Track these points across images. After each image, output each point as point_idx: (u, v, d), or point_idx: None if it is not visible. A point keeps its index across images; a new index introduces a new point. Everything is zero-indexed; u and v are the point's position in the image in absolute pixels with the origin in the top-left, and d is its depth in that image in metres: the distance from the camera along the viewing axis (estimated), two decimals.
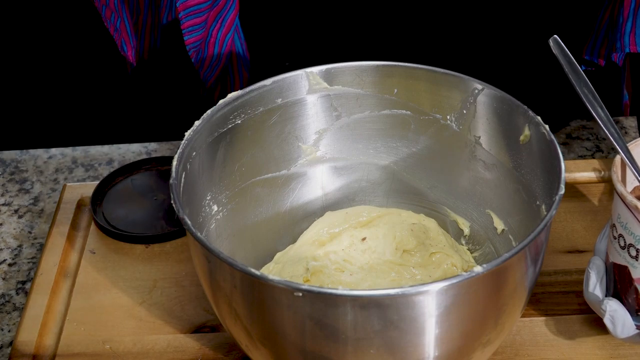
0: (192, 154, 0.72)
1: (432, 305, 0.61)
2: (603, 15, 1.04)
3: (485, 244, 0.81)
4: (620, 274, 0.69)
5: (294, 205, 0.83)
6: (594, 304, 0.71)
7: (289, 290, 0.60)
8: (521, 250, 0.62)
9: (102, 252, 0.87)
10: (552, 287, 0.81)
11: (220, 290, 0.66)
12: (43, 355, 0.77)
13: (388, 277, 0.77)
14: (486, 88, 0.76)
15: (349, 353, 0.63)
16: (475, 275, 0.60)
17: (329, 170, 0.84)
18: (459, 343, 0.65)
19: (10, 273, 0.88)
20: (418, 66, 0.78)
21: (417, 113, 0.80)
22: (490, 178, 0.79)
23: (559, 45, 0.74)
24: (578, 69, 0.73)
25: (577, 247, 0.85)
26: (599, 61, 1.07)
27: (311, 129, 0.82)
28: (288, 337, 0.64)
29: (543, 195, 0.71)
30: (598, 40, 1.06)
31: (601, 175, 0.92)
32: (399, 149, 0.83)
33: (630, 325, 0.69)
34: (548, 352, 0.75)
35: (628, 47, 1.00)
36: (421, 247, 0.79)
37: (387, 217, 0.83)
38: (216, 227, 0.77)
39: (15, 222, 0.94)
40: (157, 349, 0.77)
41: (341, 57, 0.80)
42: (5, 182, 1.00)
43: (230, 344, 0.77)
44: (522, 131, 0.74)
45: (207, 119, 0.74)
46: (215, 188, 0.76)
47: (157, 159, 0.96)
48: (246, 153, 0.79)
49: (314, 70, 0.79)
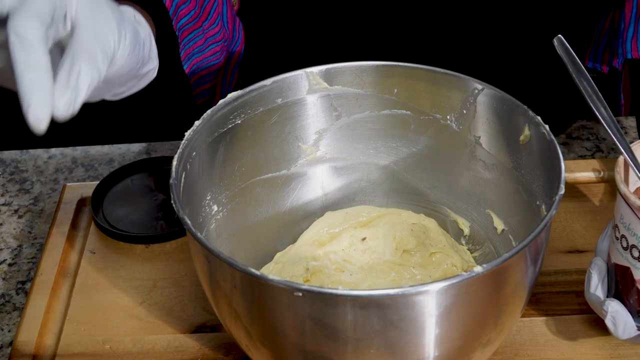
0: (192, 154, 0.72)
1: (432, 305, 0.60)
2: (605, 22, 1.04)
3: (485, 244, 0.81)
4: (622, 275, 0.69)
5: (294, 205, 0.83)
6: (595, 304, 0.71)
7: (289, 290, 0.60)
8: (521, 250, 0.62)
9: (102, 252, 0.87)
10: (552, 287, 0.81)
11: (220, 290, 0.66)
12: (43, 355, 0.77)
13: (388, 277, 0.77)
14: (486, 88, 0.76)
15: (349, 353, 0.63)
16: (475, 275, 0.60)
17: (329, 170, 0.84)
18: (459, 343, 0.65)
19: (10, 273, 0.88)
20: (418, 66, 0.78)
21: (417, 113, 0.80)
22: (490, 178, 0.79)
23: (563, 45, 0.73)
24: (582, 69, 0.73)
25: (577, 247, 0.85)
26: (602, 68, 1.07)
27: (311, 129, 0.82)
28: (288, 337, 0.64)
29: (543, 195, 0.71)
30: (600, 46, 1.06)
31: (601, 175, 0.92)
32: (399, 149, 0.83)
33: (632, 326, 0.69)
34: (548, 352, 0.75)
35: (630, 54, 1.00)
36: (421, 247, 0.79)
37: (387, 217, 0.83)
38: (216, 227, 0.77)
39: (15, 222, 0.94)
40: (157, 349, 0.77)
41: (341, 57, 0.80)
42: (5, 182, 1.00)
43: (230, 344, 0.77)
44: (522, 131, 0.74)
45: (207, 119, 0.74)
46: (215, 188, 0.76)
47: (157, 159, 0.96)
48: (246, 153, 0.79)
49: (314, 70, 0.79)
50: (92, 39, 0.62)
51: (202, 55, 0.98)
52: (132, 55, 0.70)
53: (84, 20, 0.63)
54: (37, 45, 0.57)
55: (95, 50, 0.62)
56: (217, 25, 0.98)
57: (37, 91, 0.56)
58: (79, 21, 0.63)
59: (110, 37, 0.65)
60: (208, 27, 0.97)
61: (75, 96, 0.59)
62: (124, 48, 0.68)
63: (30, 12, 0.58)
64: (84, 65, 0.60)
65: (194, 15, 0.94)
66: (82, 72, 0.60)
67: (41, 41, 0.57)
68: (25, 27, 0.57)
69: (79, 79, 0.60)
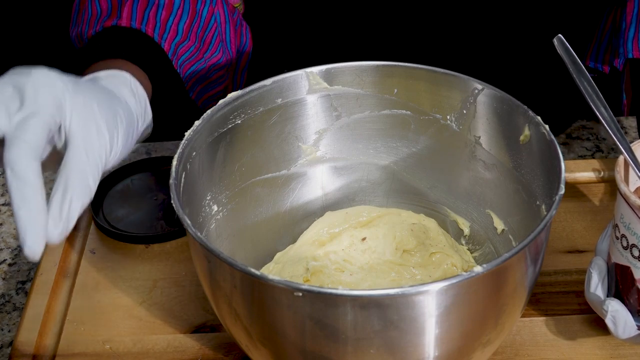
0: (192, 154, 0.72)
1: (432, 305, 0.60)
2: (606, 21, 1.04)
3: (485, 244, 0.81)
4: (622, 275, 0.69)
5: (294, 205, 0.83)
6: (596, 304, 0.71)
7: (289, 290, 0.60)
8: (521, 250, 0.62)
9: (102, 252, 0.87)
10: (552, 287, 0.81)
11: (220, 290, 0.66)
12: (43, 355, 0.77)
13: (388, 277, 0.77)
14: (486, 88, 0.76)
15: (349, 353, 0.63)
16: (475, 275, 0.60)
17: (329, 170, 0.84)
18: (459, 343, 0.65)
19: (10, 273, 0.88)
20: (418, 66, 0.78)
21: (417, 113, 0.80)
22: (490, 178, 0.79)
23: (563, 44, 0.73)
24: (582, 69, 0.73)
25: (577, 247, 0.85)
26: (604, 68, 1.07)
27: (311, 129, 0.82)
28: (288, 337, 0.64)
29: (543, 195, 0.71)
30: (602, 46, 1.06)
31: (601, 175, 0.92)
32: (399, 149, 0.83)
33: (632, 326, 0.69)
34: (548, 352, 0.75)
35: (631, 53, 0.99)
36: (421, 247, 0.79)
37: (387, 217, 0.83)
38: (216, 227, 0.77)
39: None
40: (157, 349, 0.77)
41: (341, 57, 0.80)
42: (5, 182, 1.00)
43: (230, 344, 0.77)
44: (522, 131, 0.74)
45: (207, 119, 0.74)
46: (215, 188, 0.76)
47: (157, 159, 0.96)
48: (246, 153, 0.79)
49: (314, 70, 0.79)
50: (84, 158, 0.66)
51: (207, 81, 0.99)
52: (125, 147, 0.73)
53: (77, 135, 0.66)
54: (31, 182, 0.61)
55: (87, 171, 0.65)
56: (219, 52, 0.99)
57: (31, 229, 0.60)
58: (72, 136, 0.66)
59: (102, 151, 0.68)
60: (210, 57, 0.98)
61: (67, 225, 0.63)
62: (116, 149, 0.71)
63: (26, 145, 0.61)
64: (76, 192, 0.64)
65: (194, 50, 0.95)
66: (74, 201, 0.64)
67: (35, 177, 0.61)
68: (20, 165, 0.61)
69: (71, 209, 0.63)
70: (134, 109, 0.76)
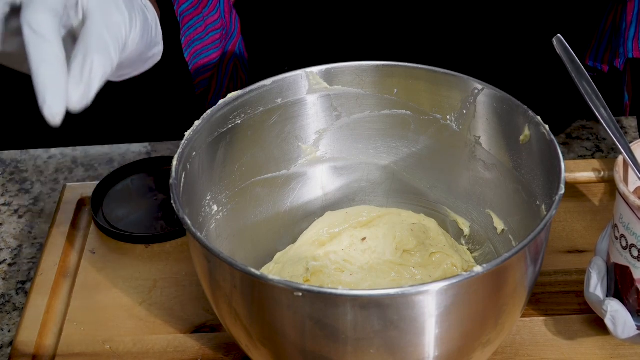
0: (192, 154, 0.72)
1: (432, 305, 0.60)
2: (606, 21, 1.04)
3: (485, 244, 0.81)
4: (622, 275, 0.69)
5: (294, 205, 0.83)
6: (595, 304, 0.71)
7: (289, 290, 0.60)
8: (521, 250, 0.62)
9: (102, 252, 0.87)
10: (552, 287, 0.81)
11: (220, 290, 0.66)
12: (43, 355, 0.77)
13: (388, 277, 0.77)
14: (486, 88, 0.76)
15: (349, 353, 0.63)
16: (475, 275, 0.60)
17: (329, 170, 0.84)
18: (459, 343, 0.65)
19: (10, 273, 0.88)
20: (418, 66, 0.78)
21: (417, 113, 0.80)
22: (490, 178, 0.79)
23: (562, 44, 0.73)
24: (581, 69, 0.73)
25: (577, 247, 0.85)
26: (603, 67, 1.07)
27: (311, 129, 0.82)
28: (288, 337, 0.64)
29: (543, 195, 0.71)
30: (601, 45, 1.06)
31: (601, 175, 0.92)
32: (399, 149, 0.83)
33: (632, 326, 0.69)
34: (548, 352, 0.75)
35: (631, 53, 1.00)
36: (421, 247, 0.79)
37: (387, 217, 0.83)
38: (216, 227, 0.77)
39: (15, 222, 0.94)
40: (157, 349, 0.77)
41: (341, 57, 0.80)
42: (5, 182, 1.00)
43: (230, 344, 0.77)
44: (522, 131, 0.74)
45: (207, 119, 0.74)
46: (215, 188, 0.76)
47: (157, 159, 0.96)
48: (246, 153, 0.79)
49: (314, 70, 0.79)
50: (103, 29, 0.62)
51: (202, 43, 0.98)
52: (142, 40, 0.70)
53: (96, 9, 0.63)
54: (51, 39, 0.57)
55: (107, 40, 0.62)
56: (216, 12, 0.98)
57: (51, 87, 0.56)
58: (90, 10, 0.62)
59: (122, 25, 0.64)
60: (208, 14, 0.97)
61: (88, 89, 0.59)
62: (135, 34, 0.67)
63: (44, 4, 0.58)
64: (97, 57, 0.60)
65: (195, 1, 0.94)
66: (95, 64, 0.60)
67: (55, 34, 0.57)
68: (38, 20, 0.57)
69: (92, 71, 0.59)
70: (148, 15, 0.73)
